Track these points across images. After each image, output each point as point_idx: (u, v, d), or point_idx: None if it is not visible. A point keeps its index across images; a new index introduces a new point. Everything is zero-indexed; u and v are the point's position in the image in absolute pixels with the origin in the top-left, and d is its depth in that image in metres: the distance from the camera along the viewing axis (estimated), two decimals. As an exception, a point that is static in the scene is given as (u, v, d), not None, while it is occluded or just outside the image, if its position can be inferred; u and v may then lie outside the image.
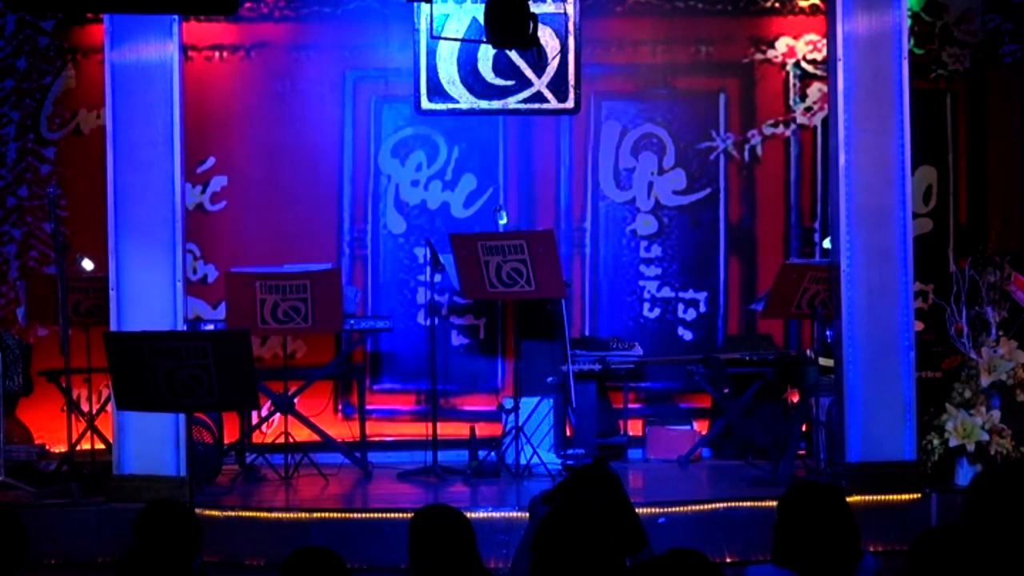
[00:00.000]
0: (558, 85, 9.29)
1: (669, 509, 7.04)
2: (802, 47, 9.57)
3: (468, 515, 4.40)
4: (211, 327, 8.57)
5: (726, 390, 9.01)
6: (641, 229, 9.58)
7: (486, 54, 9.23)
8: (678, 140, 9.60)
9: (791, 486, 4.36)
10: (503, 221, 8.49)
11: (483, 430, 8.71)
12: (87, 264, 8.60)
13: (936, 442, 7.51)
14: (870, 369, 7.43)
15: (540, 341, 8.71)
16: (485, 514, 6.98)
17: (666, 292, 9.59)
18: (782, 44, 9.59)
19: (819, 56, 9.37)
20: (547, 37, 9.16)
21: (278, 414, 8.61)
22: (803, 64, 9.58)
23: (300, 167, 9.47)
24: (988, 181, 9.63)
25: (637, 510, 4.42)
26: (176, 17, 7.44)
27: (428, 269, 8.63)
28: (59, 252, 7.77)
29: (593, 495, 4.27)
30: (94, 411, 8.58)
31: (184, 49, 7.68)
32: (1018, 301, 7.86)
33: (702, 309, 9.59)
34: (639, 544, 4.24)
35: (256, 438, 8.82)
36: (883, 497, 7.24)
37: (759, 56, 9.60)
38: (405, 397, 9.50)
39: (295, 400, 8.58)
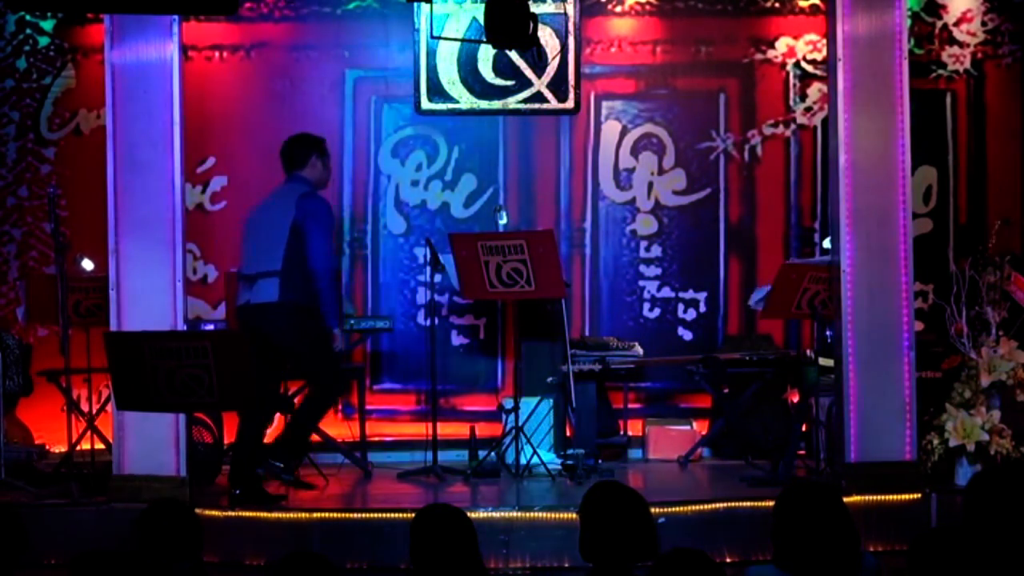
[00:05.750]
0: (558, 85, 9.29)
1: (669, 509, 7.03)
2: (802, 47, 9.58)
3: (468, 515, 4.40)
4: (211, 327, 8.56)
5: (726, 390, 9.01)
6: (641, 229, 9.59)
7: (486, 54, 9.24)
8: (678, 140, 9.61)
9: (786, 487, 4.36)
10: (503, 221, 8.49)
11: (483, 430, 8.71)
12: (87, 264, 8.60)
13: (936, 442, 7.51)
14: (870, 369, 7.42)
15: (540, 341, 8.71)
16: (485, 514, 6.97)
17: (666, 292, 9.59)
18: (782, 44, 9.59)
19: (819, 56, 9.37)
20: (547, 37, 9.16)
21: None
22: (803, 64, 9.59)
23: (300, 167, 9.46)
24: (988, 181, 9.64)
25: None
26: (176, 17, 7.42)
27: (428, 269, 8.63)
28: (59, 252, 7.77)
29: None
30: (94, 411, 8.58)
31: (184, 49, 7.67)
32: (1018, 301, 7.86)
33: (702, 309, 9.59)
34: (650, 554, 4.24)
35: (256, 438, 8.82)
36: (883, 497, 7.23)
37: (759, 56, 9.60)
38: (405, 397, 9.50)
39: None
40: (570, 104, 9.33)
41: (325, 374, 7.71)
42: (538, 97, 9.30)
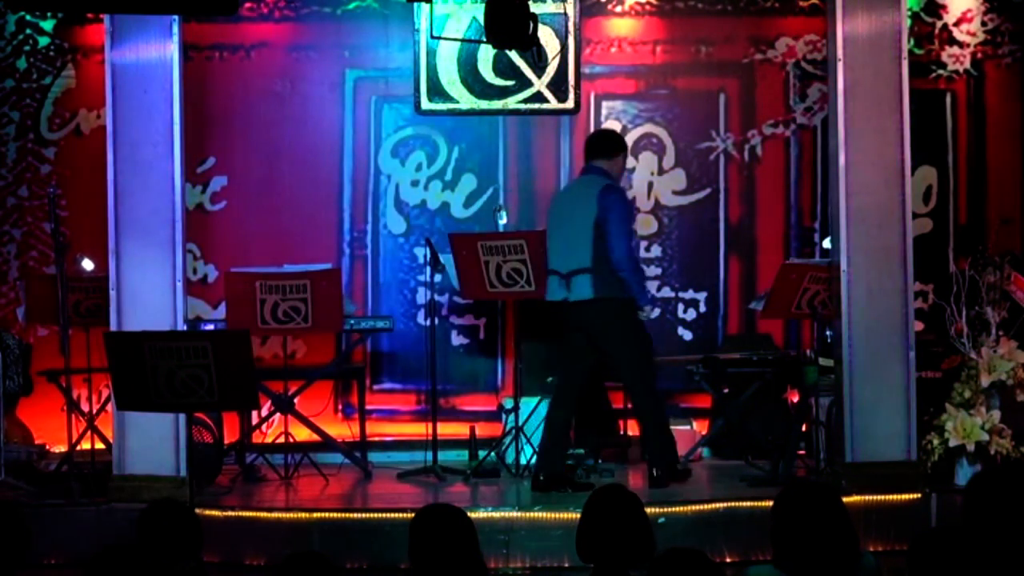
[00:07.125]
0: (558, 85, 9.29)
1: (669, 509, 7.03)
2: (802, 47, 9.57)
3: (468, 515, 4.40)
4: (211, 327, 8.56)
5: (726, 390, 9.00)
6: (641, 229, 9.58)
7: (486, 54, 9.24)
8: (678, 140, 9.61)
9: (784, 487, 4.36)
10: (503, 221, 8.49)
11: (483, 430, 8.71)
12: (87, 264, 8.60)
13: (936, 442, 7.51)
14: (870, 369, 7.43)
15: (540, 341, 8.71)
16: (485, 514, 6.97)
17: (666, 292, 9.59)
18: (782, 44, 9.59)
19: (819, 56, 9.36)
20: (547, 37, 9.16)
21: (278, 414, 8.62)
22: (803, 64, 9.59)
23: (300, 167, 9.47)
24: (988, 181, 9.64)
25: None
26: (176, 17, 7.43)
27: (428, 269, 8.63)
28: (59, 252, 7.77)
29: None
30: (94, 411, 8.57)
31: (184, 49, 7.67)
32: (1018, 301, 7.86)
33: (702, 309, 9.59)
34: (645, 558, 4.24)
35: (256, 438, 8.82)
36: (883, 497, 7.23)
37: (759, 56, 9.60)
38: (405, 397, 9.50)
39: (295, 400, 8.57)
40: (570, 104, 9.33)
41: (640, 374, 7.77)
42: (538, 97, 9.30)
